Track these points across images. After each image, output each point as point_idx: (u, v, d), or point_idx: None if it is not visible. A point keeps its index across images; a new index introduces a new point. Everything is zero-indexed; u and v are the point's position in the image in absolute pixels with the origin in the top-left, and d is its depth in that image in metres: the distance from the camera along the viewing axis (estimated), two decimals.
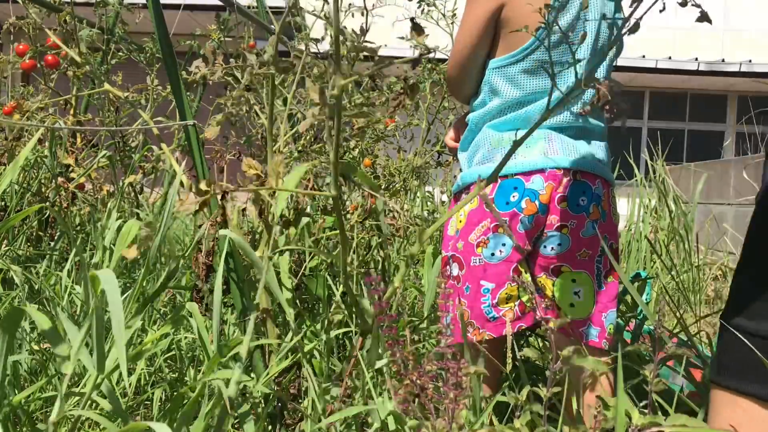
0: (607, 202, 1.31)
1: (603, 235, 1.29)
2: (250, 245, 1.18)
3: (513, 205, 1.26)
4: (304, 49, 1.35)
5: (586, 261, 1.29)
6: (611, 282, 1.31)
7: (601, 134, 1.36)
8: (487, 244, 1.28)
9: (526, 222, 1.26)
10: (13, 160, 2.14)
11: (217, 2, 3.23)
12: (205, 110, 2.73)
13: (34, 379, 1.35)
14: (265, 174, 1.17)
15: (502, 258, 1.28)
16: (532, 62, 1.28)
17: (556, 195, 1.26)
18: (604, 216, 1.29)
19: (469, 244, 1.30)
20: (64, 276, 1.58)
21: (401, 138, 2.97)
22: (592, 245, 1.28)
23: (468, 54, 1.33)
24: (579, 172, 1.27)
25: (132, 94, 2.02)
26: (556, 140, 1.29)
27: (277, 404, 1.35)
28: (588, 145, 1.32)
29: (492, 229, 1.28)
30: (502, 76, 1.31)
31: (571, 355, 0.89)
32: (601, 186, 1.29)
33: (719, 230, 4.37)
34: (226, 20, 2.91)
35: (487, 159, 1.32)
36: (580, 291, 1.29)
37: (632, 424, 0.79)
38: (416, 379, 0.87)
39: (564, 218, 1.26)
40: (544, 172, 1.26)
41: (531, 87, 1.29)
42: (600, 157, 1.32)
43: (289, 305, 1.31)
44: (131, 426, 0.85)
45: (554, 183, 1.26)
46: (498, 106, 1.32)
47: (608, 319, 1.30)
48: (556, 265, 1.29)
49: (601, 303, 1.30)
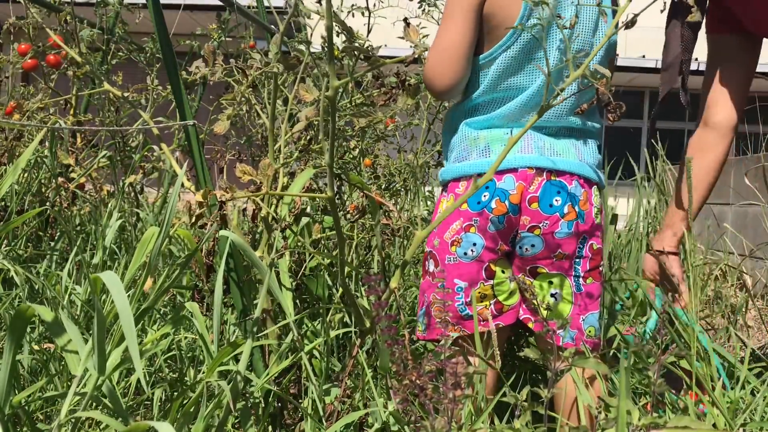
0: (588, 202, 1.28)
1: (581, 235, 1.27)
2: (250, 245, 1.19)
3: (483, 205, 1.26)
4: (305, 49, 1.35)
5: (563, 262, 1.27)
6: (591, 284, 1.30)
7: (588, 133, 1.34)
8: (460, 243, 1.28)
9: (497, 222, 1.26)
10: (14, 160, 2.14)
11: (217, 2, 3.23)
12: (205, 110, 2.73)
13: (34, 379, 1.35)
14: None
15: (473, 257, 1.28)
16: (510, 59, 1.26)
17: (527, 195, 1.25)
18: (583, 216, 1.26)
19: (444, 242, 1.30)
20: (64, 276, 1.58)
21: (401, 138, 2.96)
22: (567, 246, 1.26)
23: (461, 48, 1.27)
24: (554, 172, 1.25)
25: (132, 94, 2.02)
26: (531, 139, 1.28)
27: (277, 404, 1.35)
28: (570, 143, 1.30)
29: (464, 228, 1.27)
30: (480, 73, 1.30)
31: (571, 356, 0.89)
32: (579, 185, 1.27)
33: (719, 230, 4.37)
34: (227, 20, 2.91)
35: (462, 157, 1.31)
36: (556, 293, 1.28)
37: (633, 425, 0.79)
38: (416, 378, 0.87)
39: (535, 219, 1.25)
40: (516, 171, 1.25)
41: (508, 84, 1.28)
42: (584, 156, 1.30)
43: (289, 305, 1.31)
44: (134, 426, 0.85)
45: (525, 183, 1.25)
46: (476, 103, 1.32)
47: (587, 322, 1.29)
48: (532, 267, 1.28)
49: (580, 305, 1.29)
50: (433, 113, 2.74)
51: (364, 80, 2.43)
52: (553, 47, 1.28)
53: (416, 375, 0.86)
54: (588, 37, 1.30)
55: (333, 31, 0.91)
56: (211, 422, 1.08)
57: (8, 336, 0.91)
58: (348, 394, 1.32)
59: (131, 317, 0.86)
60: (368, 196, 1.48)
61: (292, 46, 2.45)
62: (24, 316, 0.93)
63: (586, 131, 1.34)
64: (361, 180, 1.52)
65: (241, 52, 2.74)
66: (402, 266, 1.24)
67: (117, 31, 2.78)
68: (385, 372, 1.22)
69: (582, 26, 1.29)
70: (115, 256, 2.03)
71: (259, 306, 1.16)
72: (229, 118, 1.30)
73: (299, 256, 1.58)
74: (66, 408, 0.90)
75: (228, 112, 1.30)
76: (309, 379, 1.28)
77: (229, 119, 1.30)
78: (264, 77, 1.68)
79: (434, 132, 2.89)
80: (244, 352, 1.10)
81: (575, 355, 0.89)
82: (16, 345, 0.91)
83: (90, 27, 2.45)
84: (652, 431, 0.78)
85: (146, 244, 1.11)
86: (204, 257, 1.38)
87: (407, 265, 1.26)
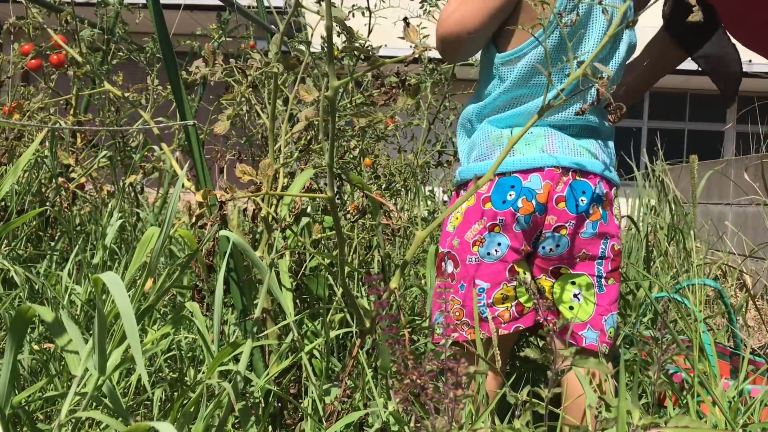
0: (609, 203, 1.28)
1: (604, 236, 1.26)
2: (250, 245, 1.19)
3: (509, 204, 1.24)
4: (305, 49, 1.35)
5: (586, 263, 1.27)
6: (612, 284, 1.29)
7: (606, 133, 1.33)
8: (483, 242, 1.26)
9: (523, 222, 1.24)
10: (14, 160, 2.14)
11: (217, 2, 3.23)
12: (205, 110, 2.72)
13: (35, 379, 1.35)
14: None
15: (497, 258, 1.26)
16: (538, 57, 1.24)
17: (554, 194, 1.23)
18: (605, 217, 1.26)
19: (464, 242, 1.28)
20: (64, 276, 1.58)
21: (402, 138, 2.96)
22: (591, 247, 1.26)
23: (471, 29, 1.24)
24: (579, 172, 1.24)
25: (132, 94, 2.02)
26: (555, 138, 1.26)
27: (277, 404, 1.35)
28: (591, 144, 1.29)
29: (488, 228, 1.25)
30: (507, 71, 1.27)
31: (572, 356, 0.89)
32: (602, 186, 1.26)
33: (719, 230, 4.37)
34: (227, 20, 2.91)
35: (485, 156, 1.29)
36: (579, 293, 1.27)
37: (633, 424, 0.79)
38: (416, 378, 0.87)
39: (562, 219, 1.24)
40: (542, 171, 1.23)
41: (534, 82, 1.26)
42: (603, 157, 1.30)
43: (289, 305, 1.31)
44: (134, 426, 0.85)
45: (552, 182, 1.23)
46: (500, 101, 1.29)
47: (608, 323, 1.28)
48: (555, 267, 1.27)
49: (602, 306, 1.28)
50: (434, 113, 2.74)
51: (364, 80, 2.43)
52: (587, 42, 1.25)
53: (417, 374, 0.86)
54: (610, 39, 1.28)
55: (333, 31, 0.91)
56: (212, 422, 1.08)
57: (9, 336, 0.91)
58: (348, 394, 1.32)
59: (133, 318, 0.86)
60: (368, 196, 1.48)
61: (292, 46, 2.46)
62: (24, 317, 0.93)
63: (605, 131, 1.33)
64: (361, 180, 1.52)
65: (241, 52, 2.74)
66: (402, 266, 1.24)
67: (117, 31, 2.78)
68: (385, 372, 1.22)
69: (604, 26, 1.27)
70: (115, 256, 2.03)
71: (259, 306, 1.16)
72: (229, 118, 1.30)
73: (299, 256, 1.58)
74: (66, 408, 0.90)
75: (228, 112, 1.30)
76: (309, 379, 1.28)
77: (229, 119, 1.30)
78: (264, 77, 1.68)
79: (434, 132, 2.89)
80: (244, 352, 1.10)
81: (576, 355, 0.89)
82: (17, 345, 0.91)
83: (90, 27, 2.45)
84: (652, 431, 0.78)
85: (146, 244, 1.11)
86: (204, 257, 1.38)
87: (407, 265, 1.26)
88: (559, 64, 1.24)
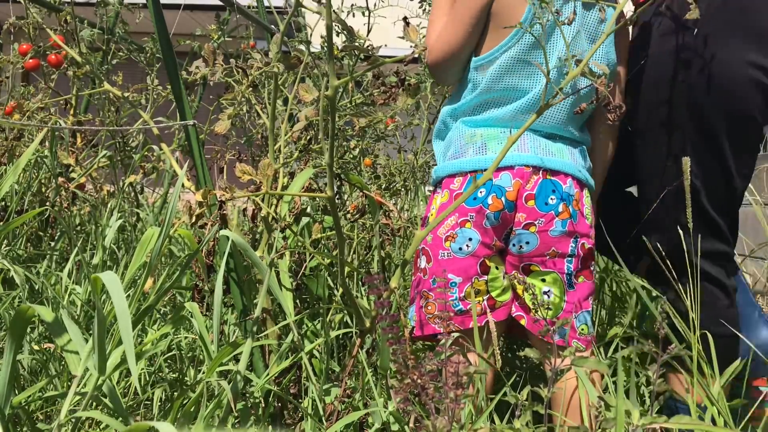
0: (580, 203, 1.30)
1: (574, 235, 1.29)
2: (250, 245, 1.19)
3: (480, 200, 1.27)
4: (305, 49, 1.35)
5: (556, 260, 1.29)
6: (583, 282, 1.31)
7: (582, 143, 1.37)
8: (455, 238, 1.29)
9: (492, 218, 1.27)
10: (14, 160, 2.15)
11: (217, 2, 3.23)
12: (205, 110, 2.72)
13: (35, 379, 1.35)
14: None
15: (468, 252, 1.28)
16: (511, 59, 1.28)
17: (524, 192, 1.27)
18: (575, 216, 1.29)
19: (437, 237, 1.31)
20: (64, 276, 1.58)
21: (402, 138, 2.97)
22: (561, 245, 1.28)
23: (456, 48, 1.32)
24: (549, 171, 1.28)
25: (132, 94, 2.02)
26: (527, 138, 1.30)
27: (277, 404, 1.35)
28: (564, 146, 1.32)
29: (459, 224, 1.28)
30: (477, 74, 1.32)
31: (571, 355, 0.89)
32: (572, 186, 1.29)
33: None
34: (226, 20, 2.91)
35: (459, 154, 1.33)
36: (549, 291, 1.29)
37: (633, 424, 0.79)
38: (416, 378, 0.87)
39: (531, 216, 1.26)
40: (513, 169, 1.27)
41: (506, 85, 1.30)
42: (576, 157, 1.33)
43: (289, 305, 1.31)
44: (134, 426, 0.85)
45: (522, 180, 1.27)
46: (473, 102, 1.33)
47: (579, 320, 1.30)
48: (526, 264, 1.30)
49: (571, 303, 1.30)
50: (433, 113, 2.74)
51: (364, 80, 2.43)
52: (555, 49, 1.29)
53: (417, 374, 0.86)
54: (588, 43, 1.31)
55: (333, 30, 0.91)
56: (212, 422, 1.08)
57: (8, 336, 0.91)
58: (348, 394, 1.32)
59: (129, 320, 0.86)
60: (368, 196, 1.48)
61: (292, 46, 2.46)
62: (24, 317, 0.93)
63: (579, 141, 1.37)
64: (361, 180, 1.52)
65: (241, 52, 2.74)
66: (402, 266, 1.24)
67: (117, 31, 2.78)
68: (385, 372, 1.22)
69: (584, 30, 1.30)
70: (115, 256, 2.03)
71: (259, 306, 1.16)
72: (230, 118, 1.30)
73: (299, 256, 1.58)
74: (66, 408, 0.90)
75: (228, 112, 1.30)
76: (309, 379, 1.28)
77: (229, 119, 1.30)
78: (264, 77, 1.68)
79: None
80: (244, 352, 1.11)
81: (574, 354, 0.89)
82: (17, 345, 0.91)
83: (90, 27, 2.45)
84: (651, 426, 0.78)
85: (146, 244, 1.11)
86: (204, 257, 1.38)
87: (407, 264, 1.27)
88: (528, 68, 1.29)
